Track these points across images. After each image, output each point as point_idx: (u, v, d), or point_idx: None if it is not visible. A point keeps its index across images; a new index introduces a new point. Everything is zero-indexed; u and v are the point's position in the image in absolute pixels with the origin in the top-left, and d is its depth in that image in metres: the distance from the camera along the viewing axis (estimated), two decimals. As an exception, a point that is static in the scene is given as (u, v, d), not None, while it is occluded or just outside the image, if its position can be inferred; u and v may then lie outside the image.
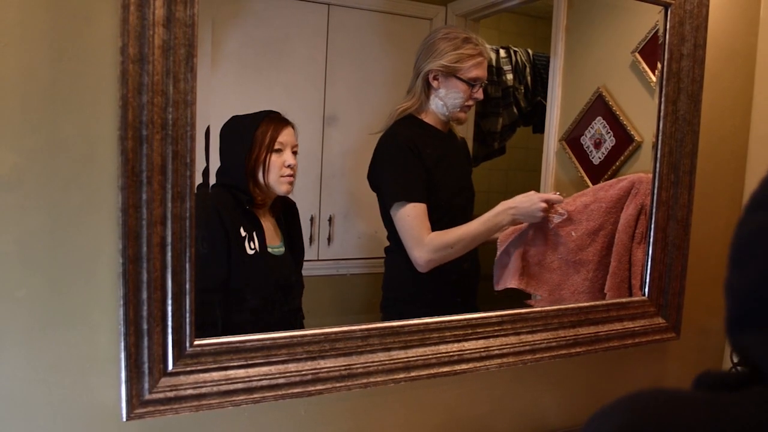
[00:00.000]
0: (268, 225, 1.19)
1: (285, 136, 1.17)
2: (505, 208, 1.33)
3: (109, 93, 0.87)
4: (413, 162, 1.33)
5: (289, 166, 1.17)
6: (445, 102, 1.35)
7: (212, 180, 1.14)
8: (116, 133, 0.87)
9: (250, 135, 1.15)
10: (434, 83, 1.34)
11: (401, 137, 1.34)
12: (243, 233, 1.14)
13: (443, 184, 1.35)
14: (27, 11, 0.84)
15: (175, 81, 0.88)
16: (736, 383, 0.40)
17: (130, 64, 0.85)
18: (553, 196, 1.37)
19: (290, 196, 1.21)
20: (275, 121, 1.17)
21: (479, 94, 1.36)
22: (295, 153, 1.18)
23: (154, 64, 0.86)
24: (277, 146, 1.16)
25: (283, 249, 1.22)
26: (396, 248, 1.34)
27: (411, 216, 1.30)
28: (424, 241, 1.30)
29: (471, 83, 1.34)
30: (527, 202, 1.33)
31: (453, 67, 1.32)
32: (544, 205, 1.34)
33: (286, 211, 1.23)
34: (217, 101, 1.14)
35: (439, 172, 1.35)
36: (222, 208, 1.13)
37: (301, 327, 1.17)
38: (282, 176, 1.17)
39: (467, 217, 1.36)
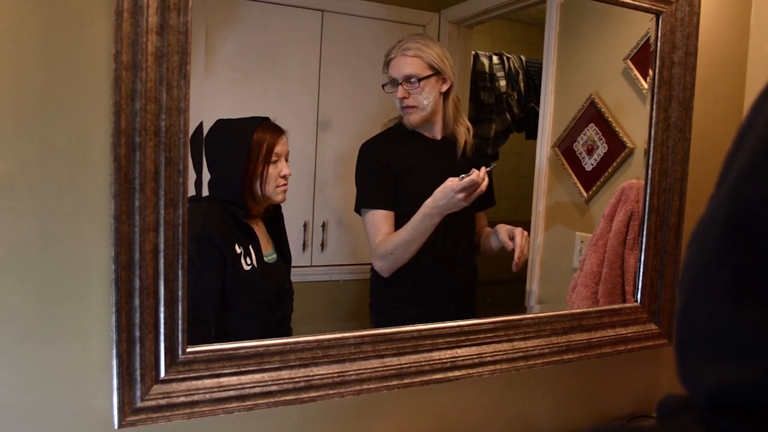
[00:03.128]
0: (261, 233, 1.19)
1: (281, 146, 1.17)
2: (427, 210, 1.29)
3: (102, 100, 0.87)
4: (376, 170, 1.34)
5: (284, 176, 1.17)
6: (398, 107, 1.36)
7: (204, 191, 1.13)
8: (109, 140, 0.87)
9: (246, 146, 1.14)
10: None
11: (370, 147, 1.34)
12: (238, 250, 1.13)
13: (413, 192, 1.34)
14: (20, 17, 0.84)
15: (168, 88, 0.88)
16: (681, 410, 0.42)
17: (123, 71, 0.85)
18: (466, 180, 1.27)
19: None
20: (270, 130, 1.16)
21: (402, 91, 1.32)
22: (287, 159, 1.19)
23: (148, 71, 0.86)
24: (273, 157, 1.16)
25: (275, 255, 1.21)
26: None
27: (369, 223, 1.33)
28: (374, 247, 1.32)
29: (391, 84, 1.33)
30: (443, 198, 1.28)
31: (385, 74, 1.34)
32: (461, 195, 1.27)
33: (272, 217, 1.23)
34: (211, 107, 1.14)
35: (409, 180, 1.35)
36: (215, 230, 1.11)
37: (289, 334, 1.16)
38: (278, 186, 1.17)
39: (453, 225, 1.34)
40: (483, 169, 1.28)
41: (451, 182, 1.27)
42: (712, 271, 0.38)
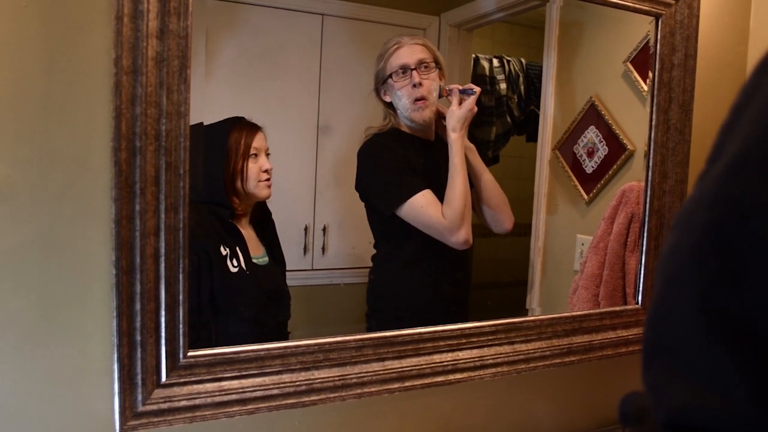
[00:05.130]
0: (250, 236, 1.19)
1: (258, 141, 1.17)
2: (455, 136, 1.29)
3: (102, 104, 0.88)
4: (395, 161, 1.33)
5: (266, 170, 1.17)
6: (399, 109, 1.32)
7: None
8: (110, 144, 0.87)
9: (224, 145, 1.15)
10: (385, 98, 1.32)
11: (378, 144, 1.33)
12: (224, 252, 1.12)
13: None
14: (21, 22, 0.84)
15: (168, 92, 0.88)
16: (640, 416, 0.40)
17: (123, 75, 0.85)
18: (459, 91, 1.30)
19: (282, 203, 1.21)
20: (246, 127, 1.17)
21: (418, 77, 1.28)
22: (268, 155, 1.19)
23: (148, 76, 0.87)
24: (252, 152, 1.16)
25: (266, 259, 1.21)
26: (384, 256, 1.34)
27: (423, 206, 1.28)
28: (445, 223, 1.27)
29: (402, 73, 1.29)
30: (461, 117, 1.29)
31: (381, 72, 1.31)
32: (469, 107, 1.29)
33: (263, 221, 1.23)
34: (211, 111, 1.14)
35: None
36: (200, 231, 1.09)
37: (286, 339, 1.16)
38: (260, 181, 1.17)
39: None
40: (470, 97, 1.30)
41: (460, 108, 1.29)
42: (686, 279, 0.35)
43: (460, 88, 1.30)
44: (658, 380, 0.37)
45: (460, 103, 1.30)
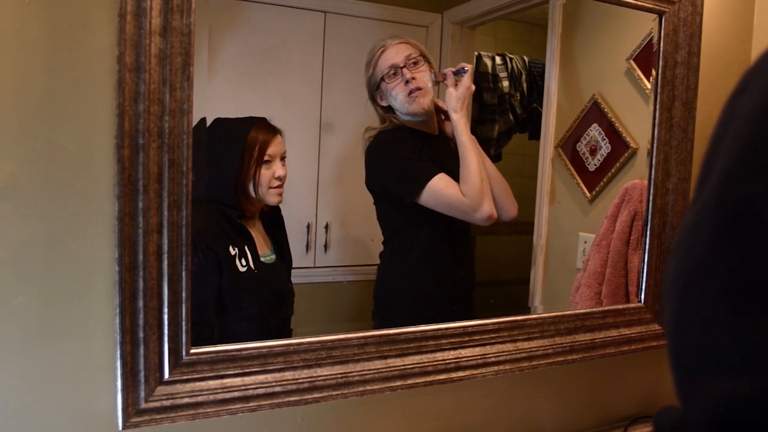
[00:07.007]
0: (258, 234, 1.19)
1: (274, 147, 1.15)
2: (457, 116, 1.30)
3: (105, 101, 0.88)
4: (407, 149, 1.33)
5: (278, 177, 1.16)
6: (397, 108, 1.33)
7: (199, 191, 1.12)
8: (113, 142, 0.87)
9: (240, 147, 1.13)
10: (382, 103, 1.33)
11: (385, 138, 1.33)
12: (233, 251, 1.12)
13: None
14: (24, 20, 0.84)
15: (171, 89, 0.88)
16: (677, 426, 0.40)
17: (126, 72, 0.85)
18: (452, 73, 1.32)
19: (285, 201, 1.21)
20: (264, 130, 1.16)
21: (408, 73, 1.30)
22: (283, 160, 1.18)
23: (151, 73, 0.87)
24: (266, 158, 1.15)
25: (274, 257, 1.21)
26: (391, 254, 1.34)
27: (442, 189, 1.28)
28: (467, 201, 1.28)
29: (393, 73, 1.30)
30: (459, 96, 1.30)
31: (372, 79, 1.32)
32: (466, 85, 1.31)
33: (272, 217, 1.22)
34: (214, 108, 1.14)
35: None
36: (208, 231, 1.09)
37: (290, 336, 1.16)
38: (271, 187, 1.16)
39: (456, 228, 1.35)
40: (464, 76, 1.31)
41: (457, 89, 1.30)
42: (702, 276, 0.36)
43: (453, 70, 1.31)
44: (693, 387, 0.37)
45: (456, 85, 1.31)
